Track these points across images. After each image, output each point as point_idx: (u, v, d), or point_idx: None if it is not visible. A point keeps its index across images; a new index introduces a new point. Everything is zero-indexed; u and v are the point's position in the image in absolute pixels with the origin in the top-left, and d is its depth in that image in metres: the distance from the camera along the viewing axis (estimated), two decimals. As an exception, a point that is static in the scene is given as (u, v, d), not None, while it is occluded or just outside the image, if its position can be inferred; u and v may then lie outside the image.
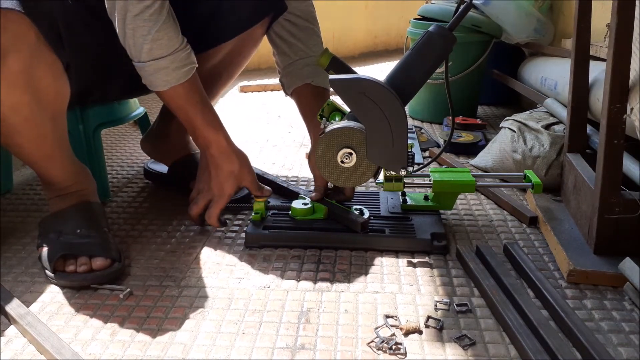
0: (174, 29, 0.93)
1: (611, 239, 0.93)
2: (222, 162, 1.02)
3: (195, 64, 0.98)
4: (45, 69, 0.87)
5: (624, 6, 0.85)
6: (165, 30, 0.91)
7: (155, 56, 0.92)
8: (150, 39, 0.90)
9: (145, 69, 0.94)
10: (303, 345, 0.75)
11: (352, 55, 3.62)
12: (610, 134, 0.89)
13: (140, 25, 0.90)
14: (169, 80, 0.95)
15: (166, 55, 0.92)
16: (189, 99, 0.98)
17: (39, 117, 0.89)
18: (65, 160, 0.97)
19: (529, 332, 0.74)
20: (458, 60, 1.84)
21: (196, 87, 0.99)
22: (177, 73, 0.94)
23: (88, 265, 0.89)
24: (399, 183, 1.06)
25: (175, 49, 0.93)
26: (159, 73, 0.94)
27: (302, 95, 1.17)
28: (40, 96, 0.88)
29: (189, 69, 0.96)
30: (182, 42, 0.95)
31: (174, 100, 0.99)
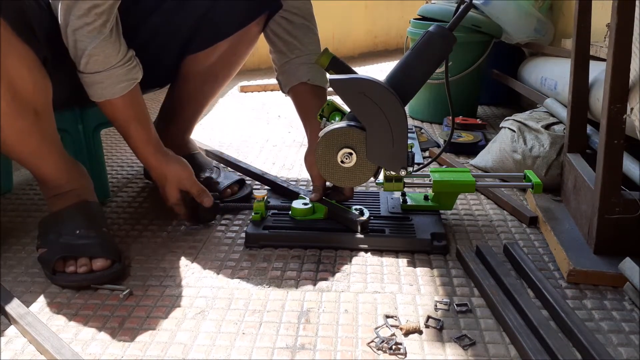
0: (114, 46, 0.93)
1: (611, 239, 0.92)
2: (157, 175, 1.06)
3: (135, 79, 0.98)
4: (16, 60, 0.85)
5: (624, 6, 0.85)
6: (102, 47, 0.92)
7: (90, 70, 0.94)
8: (87, 53, 0.92)
9: (83, 79, 0.96)
10: (303, 345, 0.75)
11: (352, 55, 3.61)
12: (610, 134, 0.89)
13: (79, 39, 0.91)
14: (104, 94, 0.96)
15: (101, 70, 0.94)
16: (123, 113, 1.00)
17: (17, 111, 0.88)
18: (55, 157, 0.97)
19: (529, 332, 0.74)
20: (458, 60, 1.84)
21: (132, 102, 1.00)
22: (112, 89, 0.96)
23: (88, 266, 0.89)
24: (399, 183, 1.06)
25: (111, 65, 0.94)
26: (94, 86, 0.96)
27: (299, 94, 1.17)
28: (16, 89, 0.86)
29: (125, 85, 0.96)
30: (122, 59, 0.95)
31: (107, 112, 1.00)
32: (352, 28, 3.63)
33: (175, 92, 1.25)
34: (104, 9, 0.90)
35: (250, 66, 2.93)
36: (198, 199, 1.07)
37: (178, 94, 1.24)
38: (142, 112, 1.02)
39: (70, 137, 1.14)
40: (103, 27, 0.91)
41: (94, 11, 0.89)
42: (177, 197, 1.06)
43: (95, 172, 1.17)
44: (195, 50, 1.16)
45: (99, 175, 1.19)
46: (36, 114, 0.91)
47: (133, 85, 0.98)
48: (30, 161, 0.96)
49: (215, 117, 2.02)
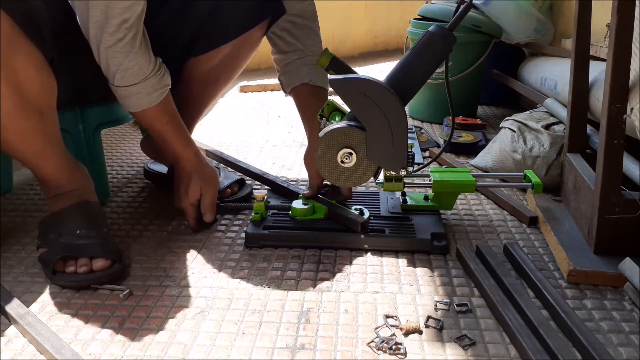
0: (145, 57, 0.96)
1: (611, 239, 0.92)
2: (191, 170, 1.07)
3: (167, 86, 1.01)
4: (24, 61, 0.85)
5: (624, 6, 0.85)
6: (136, 60, 0.94)
7: (126, 83, 0.96)
8: (122, 68, 0.94)
9: (118, 93, 0.99)
10: (303, 345, 0.75)
11: (352, 55, 3.62)
12: (610, 134, 0.89)
13: (112, 56, 0.93)
14: (141, 104, 0.99)
15: (137, 82, 0.96)
16: (160, 119, 1.03)
17: (24, 110, 0.88)
18: (58, 157, 0.97)
19: (529, 332, 0.74)
20: (458, 60, 1.84)
21: (167, 107, 1.03)
22: (149, 98, 0.99)
23: (88, 266, 0.89)
24: (399, 183, 1.06)
25: (145, 76, 0.96)
26: (131, 97, 0.98)
27: (301, 94, 1.17)
28: (23, 89, 0.86)
29: (160, 93, 1.00)
30: (154, 68, 0.97)
31: (145, 120, 1.04)
32: (352, 28, 3.63)
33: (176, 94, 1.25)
34: (133, 21, 0.91)
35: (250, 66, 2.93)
36: (203, 209, 1.08)
37: (179, 95, 1.24)
38: (176, 114, 1.06)
39: (70, 137, 1.14)
40: (134, 40, 0.93)
41: (124, 26, 0.90)
42: (196, 198, 1.07)
43: (95, 172, 1.17)
44: (198, 53, 1.16)
45: (99, 175, 1.19)
46: (41, 114, 0.91)
47: (167, 92, 1.01)
48: (32, 161, 0.96)
49: (215, 117, 2.02)
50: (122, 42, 0.92)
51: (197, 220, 1.08)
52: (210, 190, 1.08)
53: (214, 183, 1.09)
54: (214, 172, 1.10)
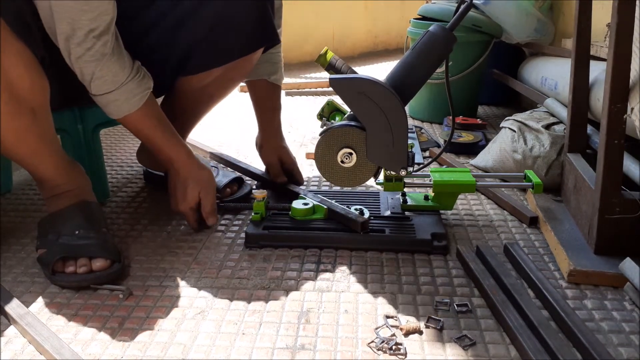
0: (119, 63, 0.94)
1: (611, 239, 0.92)
2: (186, 174, 1.06)
3: (148, 89, 0.99)
4: (14, 59, 0.85)
5: (624, 6, 0.85)
6: (108, 68, 0.93)
7: (102, 91, 0.95)
8: (95, 77, 0.93)
9: (97, 100, 0.97)
10: (303, 346, 0.75)
11: (352, 55, 3.61)
12: (610, 134, 0.89)
13: (83, 65, 0.92)
14: (122, 110, 0.98)
15: (113, 89, 0.95)
16: (145, 122, 1.01)
17: (15, 110, 0.88)
18: (53, 156, 0.96)
19: (529, 332, 0.74)
20: (458, 60, 1.84)
21: (151, 110, 1.01)
22: (128, 103, 0.97)
23: (88, 266, 0.89)
24: (399, 183, 1.06)
25: (121, 83, 0.95)
26: (110, 105, 0.97)
27: (258, 88, 1.25)
28: (14, 88, 0.86)
29: (140, 97, 0.98)
30: (130, 73, 0.96)
31: (130, 126, 1.02)
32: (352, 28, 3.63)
33: (168, 104, 1.25)
34: (101, 30, 0.90)
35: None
36: (204, 213, 1.07)
37: (171, 107, 1.23)
38: (163, 117, 1.04)
39: (70, 137, 1.14)
40: (104, 47, 0.91)
41: (91, 35, 0.89)
42: (195, 202, 1.06)
43: (95, 172, 1.17)
44: (190, 72, 1.14)
45: (98, 175, 1.19)
46: (33, 113, 0.90)
47: (147, 96, 0.99)
48: (27, 161, 0.95)
49: (215, 117, 2.01)
50: (91, 52, 0.90)
51: (198, 222, 1.08)
52: (209, 194, 1.07)
53: (212, 186, 1.08)
54: (209, 173, 1.09)
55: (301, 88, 2.51)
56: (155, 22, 1.08)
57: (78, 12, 0.87)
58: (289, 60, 2.94)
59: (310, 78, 2.78)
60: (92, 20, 0.88)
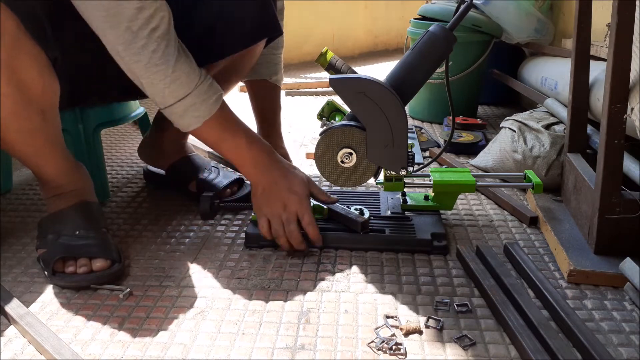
0: (188, 62, 0.89)
1: (611, 239, 0.92)
2: (286, 172, 0.98)
3: (221, 91, 0.94)
4: (27, 60, 0.85)
5: (624, 6, 0.85)
6: (180, 68, 0.87)
7: (180, 96, 0.88)
8: (169, 81, 0.86)
9: (174, 112, 0.90)
10: (303, 346, 0.75)
11: (352, 55, 3.62)
12: (610, 134, 0.89)
13: (153, 72, 0.85)
14: (201, 115, 0.91)
15: (190, 92, 0.89)
16: (226, 127, 0.94)
17: (25, 110, 0.88)
18: (59, 157, 0.96)
19: (529, 332, 0.74)
20: (458, 60, 1.84)
21: (229, 113, 0.95)
22: (206, 105, 0.91)
23: (88, 266, 0.89)
24: (399, 183, 1.06)
25: (196, 83, 0.89)
26: (189, 111, 0.90)
27: (258, 88, 1.24)
28: (25, 89, 0.86)
29: (216, 98, 0.92)
30: (201, 73, 0.91)
31: (211, 134, 0.94)
32: (352, 28, 3.63)
33: None
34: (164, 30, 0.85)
35: (250, 66, 2.93)
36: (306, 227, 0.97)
37: None
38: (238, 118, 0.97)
39: (70, 137, 1.14)
40: (168, 46, 0.86)
41: (154, 35, 0.84)
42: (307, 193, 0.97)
43: (95, 172, 1.17)
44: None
45: (98, 175, 1.19)
46: (43, 114, 0.91)
47: (222, 97, 0.94)
48: (33, 161, 0.95)
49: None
50: (158, 54, 0.84)
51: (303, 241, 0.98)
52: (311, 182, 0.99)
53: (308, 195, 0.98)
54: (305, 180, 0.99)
55: (301, 88, 2.51)
56: None
57: (134, 12, 0.82)
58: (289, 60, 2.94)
59: (310, 78, 2.78)
60: (150, 18, 0.83)
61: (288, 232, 0.96)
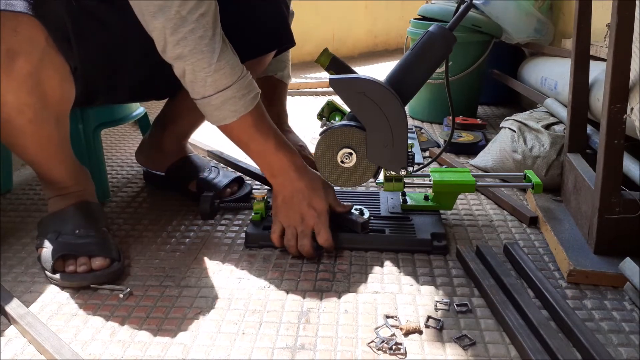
0: (232, 55, 0.88)
1: (611, 239, 0.92)
2: (310, 184, 0.96)
3: (259, 90, 0.93)
4: (52, 72, 0.87)
5: (624, 6, 0.85)
6: (225, 58, 0.86)
7: (220, 87, 0.87)
8: (212, 70, 0.85)
9: (211, 103, 0.88)
10: (303, 345, 0.75)
11: (352, 55, 3.61)
12: (610, 134, 0.89)
13: (199, 58, 0.84)
14: (238, 110, 0.89)
15: (231, 84, 0.87)
16: (259, 127, 0.93)
17: (43, 118, 0.89)
18: (67, 160, 0.98)
19: (529, 332, 0.74)
20: (458, 60, 1.84)
21: (264, 113, 0.94)
22: (245, 101, 0.89)
23: (88, 265, 0.89)
24: (399, 183, 1.06)
25: (238, 76, 0.88)
26: (227, 104, 0.88)
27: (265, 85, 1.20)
28: (46, 98, 0.88)
29: (255, 95, 0.91)
30: (243, 68, 0.90)
31: (243, 132, 0.93)
32: (352, 28, 3.63)
33: (174, 103, 1.25)
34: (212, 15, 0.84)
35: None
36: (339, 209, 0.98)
37: (177, 105, 1.24)
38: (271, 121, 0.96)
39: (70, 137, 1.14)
40: (215, 34, 0.85)
41: (203, 21, 0.83)
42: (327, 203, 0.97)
43: (95, 172, 1.17)
44: None
45: (98, 175, 1.19)
46: (57, 121, 0.92)
47: (260, 94, 0.93)
48: (44, 165, 0.96)
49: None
50: (205, 40, 0.83)
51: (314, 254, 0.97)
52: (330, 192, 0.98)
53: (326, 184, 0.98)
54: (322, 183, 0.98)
55: (301, 88, 2.51)
56: None
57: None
58: (289, 60, 2.93)
59: (310, 78, 2.78)
60: (199, 3, 0.82)
61: (300, 245, 0.96)
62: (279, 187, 0.98)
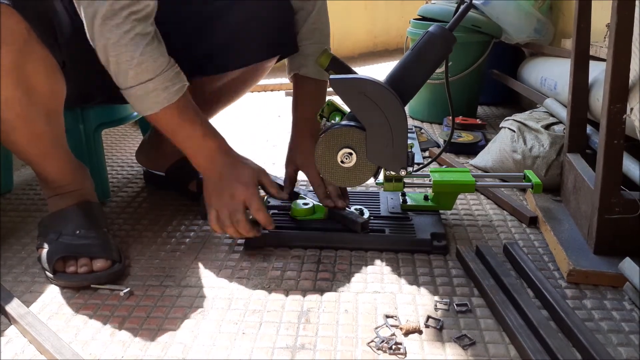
0: (159, 49, 0.89)
1: (611, 239, 0.93)
2: (236, 163, 0.98)
3: (186, 82, 0.93)
4: (37, 65, 0.86)
5: (624, 6, 0.85)
6: (149, 53, 0.87)
7: (142, 80, 0.88)
8: (134, 63, 0.86)
9: (133, 94, 0.90)
10: (303, 345, 0.75)
11: (352, 55, 3.62)
12: (610, 134, 0.89)
13: (122, 51, 0.86)
14: (160, 102, 0.90)
15: (153, 77, 0.88)
16: (183, 116, 0.94)
17: (31, 114, 0.89)
18: (62, 158, 0.97)
19: (529, 332, 0.74)
20: (458, 60, 1.84)
21: (189, 103, 0.95)
22: (167, 93, 0.90)
23: (89, 266, 0.89)
24: (399, 183, 1.06)
25: (162, 69, 0.89)
26: (149, 96, 0.90)
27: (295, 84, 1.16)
28: (33, 93, 0.87)
29: (179, 88, 0.91)
30: (169, 61, 0.91)
31: (167, 122, 0.94)
32: (352, 28, 3.63)
33: None
34: (144, 14, 0.86)
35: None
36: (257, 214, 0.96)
37: None
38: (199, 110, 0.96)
39: (70, 137, 1.14)
40: (144, 30, 0.87)
41: (132, 17, 0.85)
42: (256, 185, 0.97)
43: (96, 172, 1.17)
44: (205, 73, 1.14)
45: (99, 176, 1.19)
46: (48, 117, 0.92)
47: (186, 88, 0.93)
48: (38, 162, 0.96)
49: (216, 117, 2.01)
50: (130, 34, 0.85)
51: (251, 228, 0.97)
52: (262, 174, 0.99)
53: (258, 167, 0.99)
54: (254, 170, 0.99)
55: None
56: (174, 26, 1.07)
57: None
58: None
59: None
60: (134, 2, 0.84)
61: (235, 221, 0.95)
62: (208, 173, 0.98)
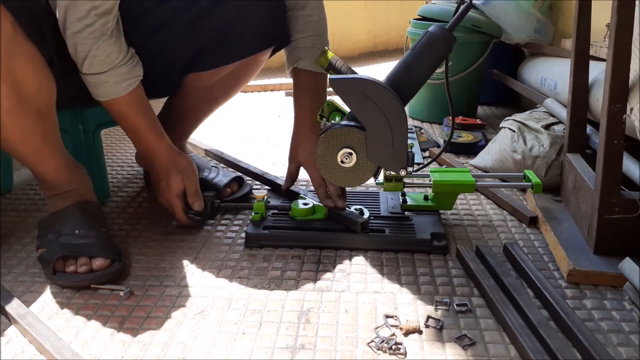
0: (116, 46, 0.94)
1: (611, 239, 0.93)
2: (169, 165, 1.04)
3: (138, 77, 0.99)
4: (23, 60, 0.86)
5: (624, 6, 0.85)
6: (104, 48, 0.92)
7: (94, 71, 0.94)
8: (90, 55, 0.92)
9: (86, 80, 0.96)
10: (303, 345, 0.75)
11: (352, 55, 3.62)
12: (610, 134, 0.89)
13: (79, 42, 0.91)
14: (109, 93, 0.97)
15: (105, 71, 0.94)
16: (131, 111, 1.00)
17: (20, 110, 0.88)
18: (56, 157, 0.97)
19: (529, 332, 0.74)
20: (458, 60, 1.84)
21: (138, 98, 1.00)
22: (117, 87, 0.96)
23: (88, 265, 0.89)
24: (399, 183, 1.06)
25: (114, 65, 0.94)
26: (99, 86, 0.96)
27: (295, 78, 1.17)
28: (21, 89, 0.87)
29: (129, 83, 0.97)
30: (124, 57, 0.95)
31: (115, 111, 1.00)
32: (352, 28, 3.63)
33: (173, 103, 1.25)
34: (104, 9, 0.90)
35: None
36: (190, 199, 1.05)
37: (176, 106, 1.24)
38: (149, 107, 1.03)
39: (70, 137, 1.14)
40: (104, 27, 0.91)
41: (93, 12, 0.89)
42: (180, 189, 1.04)
43: (95, 172, 1.17)
44: (199, 69, 1.15)
45: (98, 175, 1.19)
46: (39, 114, 0.91)
47: (137, 83, 0.98)
48: (31, 160, 0.96)
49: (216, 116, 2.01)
50: (90, 29, 0.90)
51: (185, 211, 1.06)
52: (191, 179, 1.05)
53: (193, 172, 1.06)
54: (190, 162, 1.07)
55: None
56: (166, 22, 1.08)
57: None
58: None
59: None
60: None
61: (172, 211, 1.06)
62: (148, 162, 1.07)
